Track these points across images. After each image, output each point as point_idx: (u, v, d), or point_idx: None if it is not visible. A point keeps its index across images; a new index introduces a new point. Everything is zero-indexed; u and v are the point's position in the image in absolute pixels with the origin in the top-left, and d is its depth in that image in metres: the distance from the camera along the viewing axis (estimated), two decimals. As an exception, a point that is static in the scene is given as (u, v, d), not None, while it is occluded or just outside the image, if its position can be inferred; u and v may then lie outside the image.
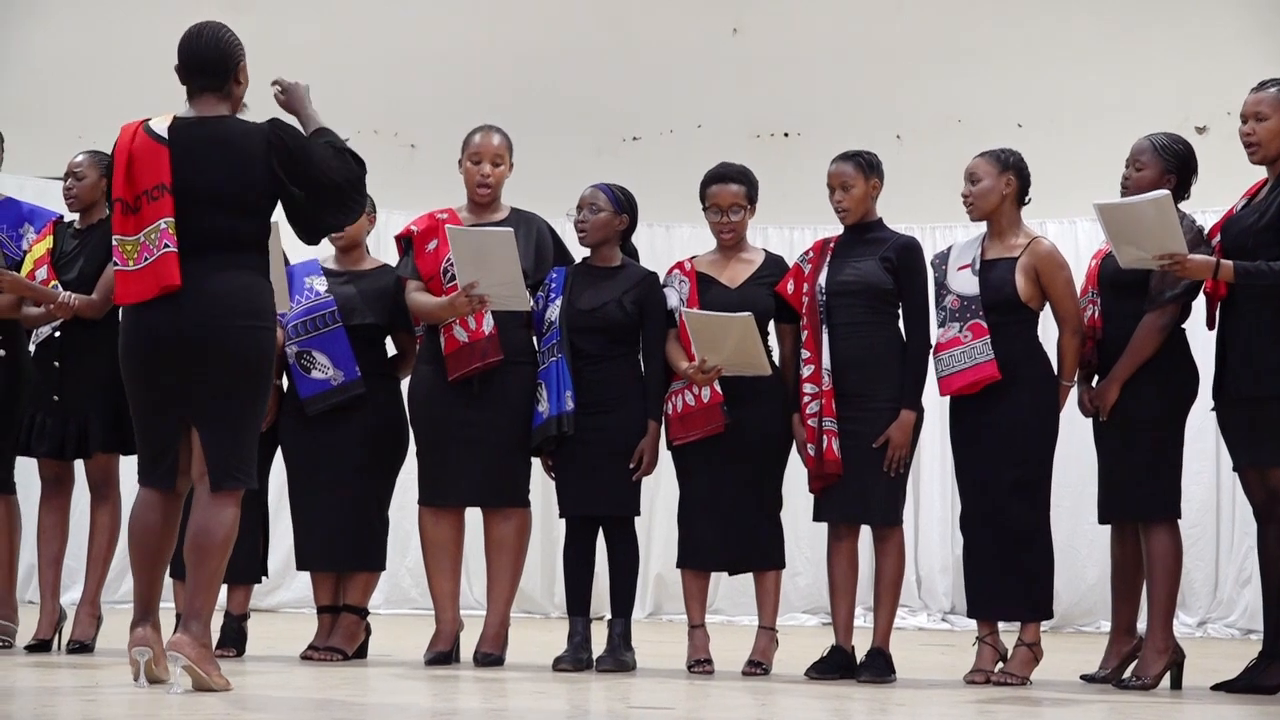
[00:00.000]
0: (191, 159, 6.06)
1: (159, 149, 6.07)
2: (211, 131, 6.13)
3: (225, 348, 6.00)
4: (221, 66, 6.21)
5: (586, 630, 7.57)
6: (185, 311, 5.99)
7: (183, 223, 6.02)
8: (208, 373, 6.00)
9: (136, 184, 6.06)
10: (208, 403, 6.03)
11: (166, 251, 5.99)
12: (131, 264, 6.03)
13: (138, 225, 6.04)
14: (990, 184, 7.28)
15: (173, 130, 6.10)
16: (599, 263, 7.68)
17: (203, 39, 6.22)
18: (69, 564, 7.97)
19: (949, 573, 11.45)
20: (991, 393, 7.14)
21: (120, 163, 6.10)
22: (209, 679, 5.89)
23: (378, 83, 12.63)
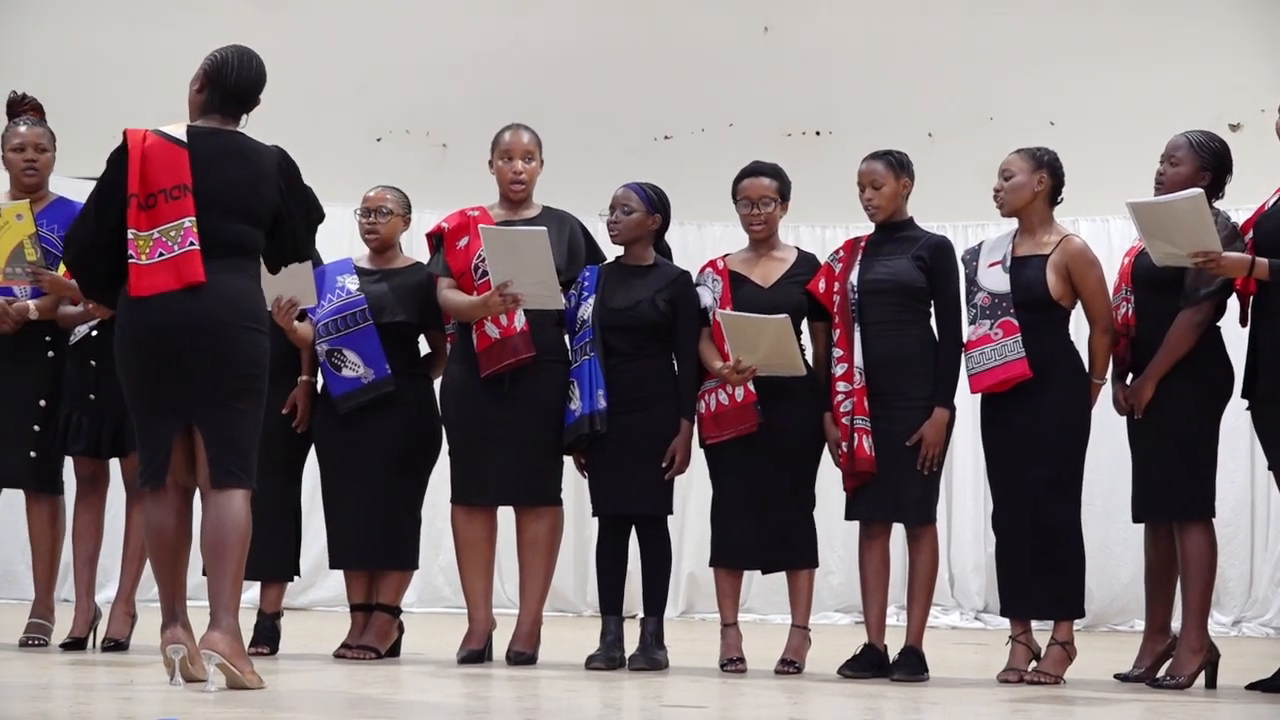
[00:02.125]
0: (210, 165, 6.15)
1: (177, 151, 6.14)
2: (227, 143, 6.24)
3: (228, 347, 6.07)
4: (251, 102, 6.36)
5: (619, 629, 7.57)
6: (196, 307, 6.04)
7: (200, 226, 6.09)
8: (209, 371, 6.05)
9: (151, 182, 6.11)
10: (208, 402, 6.08)
11: (191, 249, 6.05)
12: (144, 258, 6.07)
13: (151, 221, 6.09)
14: (1023, 180, 7.27)
15: (191, 135, 6.19)
16: (632, 261, 7.68)
17: (253, 70, 6.34)
18: (104, 562, 8.00)
19: (982, 571, 11.44)
20: (1023, 391, 7.13)
21: (135, 161, 6.14)
22: (243, 676, 5.91)
23: (409, 83, 12.65)
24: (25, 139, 7.90)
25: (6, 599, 10.28)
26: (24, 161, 7.88)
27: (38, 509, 7.86)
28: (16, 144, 7.90)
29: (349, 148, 12.13)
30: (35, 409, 7.77)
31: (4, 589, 10.67)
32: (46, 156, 7.93)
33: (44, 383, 7.79)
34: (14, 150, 7.90)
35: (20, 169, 7.88)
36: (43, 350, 7.81)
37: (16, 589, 10.45)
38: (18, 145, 7.90)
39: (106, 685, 6.36)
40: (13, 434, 7.75)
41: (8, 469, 7.80)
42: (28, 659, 7.31)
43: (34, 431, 7.76)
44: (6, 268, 7.58)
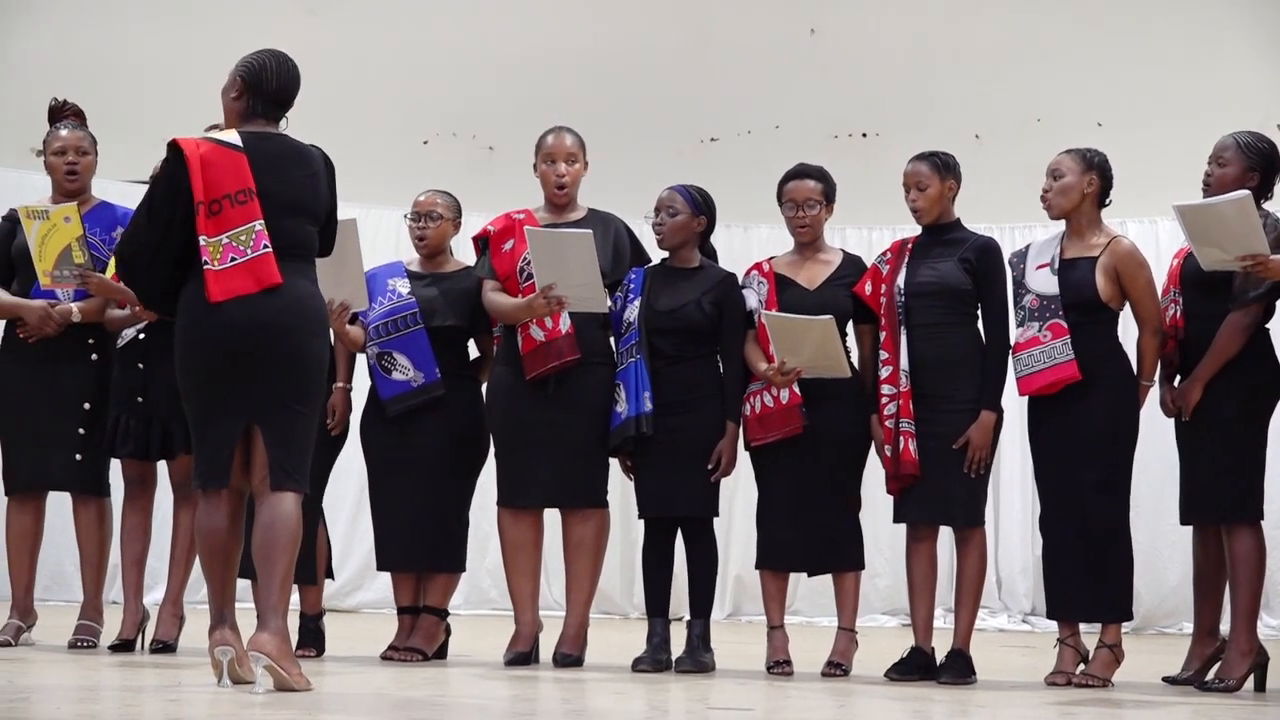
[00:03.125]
0: (269, 168, 6.19)
1: (236, 155, 6.16)
2: (279, 145, 6.28)
3: (297, 350, 6.10)
4: (292, 101, 6.40)
5: (665, 631, 7.57)
6: (271, 309, 6.08)
7: (268, 229, 6.13)
8: (277, 373, 6.08)
9: (215, 187, 6.12)
10: (272, 403, 6.10)
11: (265, 252, 6.09)
12: (216, 263, 6.09)
13: (219, 227, 6.10)
14: (1072, 181, 7.25)
15: (245, 141, 6.22)
16: (677, 264, 7.68)
17: (291, 72, 6.38)
18: (152, 564, 8.03)
19: (1029, 574, 11.40)
20: (1071, 393, 7.11)
21: (195, 168, 6.14)
22: (290, 678, 5.92)
23: (456, 86, 12.67)
24: (67, 142, 7.94)
25: (56, 601, 10.32)
26: (66, 165, 7.92)
27: (84, 511, 7.89)
28: (58, 147, 7.94)
29: (396, 151, 12.16)
30: (80, 412, 7.81)
31: (53, 591, 10.71)
32: (88, 160, 7.97)
33: (88, 385, 7.83)
34: (56, 154, 7.94)
35: (62, 173, 7.93)
36: (86, 353, 7.85)
37: (66, 591, 10.49)
38: (59, 149, 7.94)
39: (154, 687, 6.38)
40: (58, 437, 7.79)
41: (54, 472, 7.84)
42: (77, 660, 7.34)
43: (79, 434, 7.80)
44: (55, 270, 7.62)
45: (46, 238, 7.62)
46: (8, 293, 7.88)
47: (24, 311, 7.79)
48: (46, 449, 7.81)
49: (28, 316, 7.77)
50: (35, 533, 7.98)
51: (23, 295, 7.83)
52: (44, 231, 7.62)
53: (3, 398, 7.91)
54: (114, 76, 12.21)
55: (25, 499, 7.93)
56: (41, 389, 7.80)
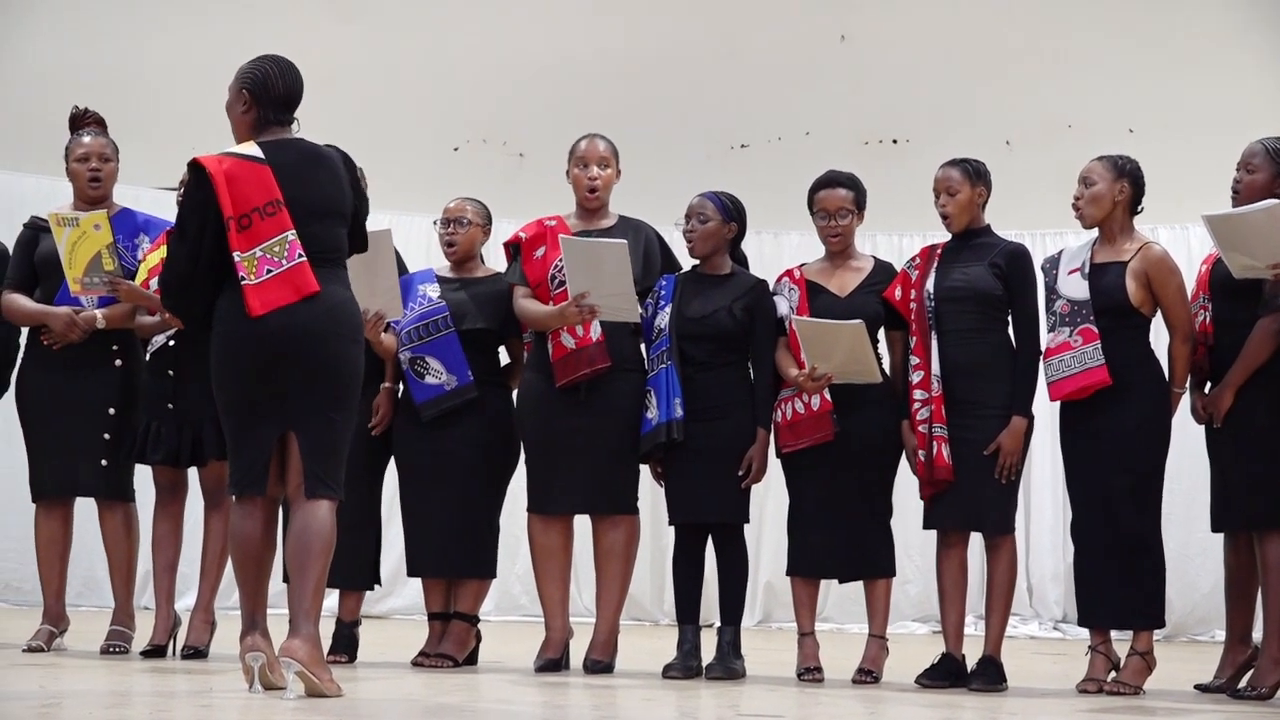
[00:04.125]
0: (293, 175, 6.18)
1: (259, 168, 6.16)
2: (298, 151, 6.27)
3: (333, 357, 6.10)
4: (299, 102, 6.39)
5: (696, 638, 7.57)
6: (308, 316, 6.08)
7: (300, 236, 6.14)
8: (312, 380, 6.08)
9: (243, 202, 6.12)
10: (307, 411, 6.10)
11: (300, 261, 6.10)
12: (253, 277, 6.10)
13: (251, 241, 6.11)
14: (1103, 188, 7.23)
15: (266, 151, 6.22)
16: (708, 270, 7.68)
17: (293, 74, 6.37)
18: (183, 570, 8.05)
19: (1061, 580, 11.37)
20: (1102, 399, 7.09)
21: (220, 184, 6.14)
22: (321, 684, 5.93)
23: (486, 93, 12.70)
24: (90, 149, 7.97)
25: (88, 606, 10.36)
26: (89, 172, 7.95)
27: (110, 517, 7.92)
28: (81, 154, 7.97)
29: (427, 157, 12.19)
30: (105, 418, 7.83)
31: (85, 596, 10.75)
32: (110, 167, 8.00)
33: (113, 391, 7.86)
34: (78, 161, 7.97)
35: (85, 179, 7.95)
36: (111, 359, 7.87)
37: (98, 597, 10.52)
38: (82, 155, 7.97)
39: (186, 692, 6.39)
40: (83, 443, 7.82)
41: (80, 478, 7.87)
42: (109, 666, 7.37)
43: (104, 440, 7.82)
44: (85, 277, 7.65)
45: (76, 245, 7.65)
46: (31, 300, 7.90)
47: (49, 318, 7.82)
48: (72, 455, 7.83)
49: (53, 323, 7.80)
50: (64, 538, 8.00)
51: (46, 302, 7.86)
52: (74, 239, 7.65)
53: (28, 405, 7.95)
54: (140, 84, 12.25)
55: (53, 505, 7.96)
56: (66, 395, 7.82)
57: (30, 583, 9.46)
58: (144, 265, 7.81)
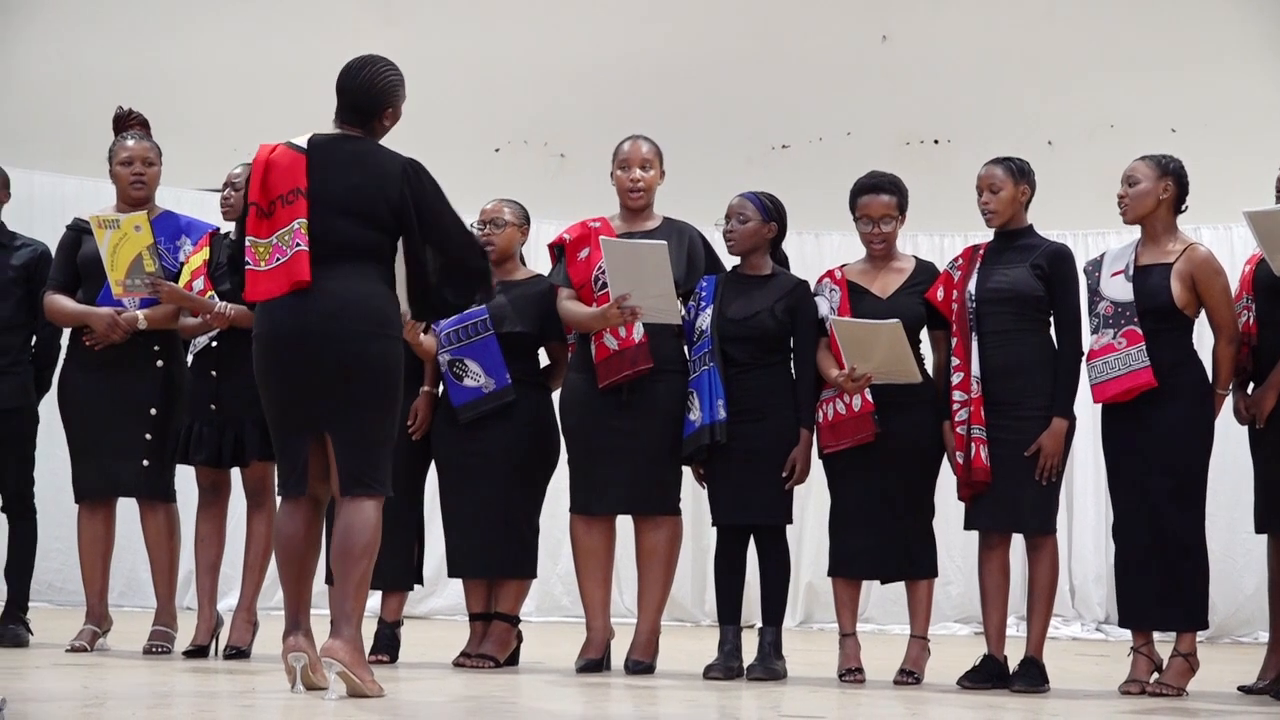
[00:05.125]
0: (327, 168, 6.19)
1: (297, 157, 6.20)
2: (350, 148, 6.27)
3: (347, 352, 6.08)
4: (370, 109, 6.34)
5: (737, 639, 7.56)
6: (310, 311, 6.09)
7: (315, 228, 6.13)
8: (333, 377, 6.08)
9: (271, 189, 6.18)
10: (335, 409, 6.11)
11: (298, 250, 6.10)
12: (263, 264, 6.14)
13: (270, 228, 6.15)
14: (1148, 187, 7.20)
15: (312, 142, 6.24)
16: (749, 271, 7.67)
17: (359, 79, 6.34)
18: (225, 571, 8.07)
19: (1103, 582, 11.33)
20: (1146, 400, 7.07)
21: (258, 170, 6.22)
22: (363, 685, 5.94)
23: (527, 93, 12.71)
24: (133, 152, 7.99)
25: (131, 607, 10.40)
26: (132, 175, 7.98)
27: (152, 518, 7.95)
28: (125, 157, 8.00)
29: (468, 158, 12.19)
30: (146, 418, 7.86)
31: (128, 597, 10.79)
32: (154, 170, 8.03)
33: (154, 392, 7.89)
34: (122, 164, 8.00)
35: (128, 182, 7.98)
36: (152, 360, 7.90)
37: (141, 597, 10.56)
38: (126, 159, 7.99)
39: (228, 693, 6.41)
40: (125, 444, 7.85)
41: (121, 479, 7.90)
42: (151, 666, 7.39)
43: (146, 441, 7.85)
44: (126, 279, 7.68)
45: (118, 247, 7.68)
46: (74, 301, 7.94)
47: (91, 319, 7.85)
48: (114, 456, 7.87)
49: (95, 324, 7.83)
50: (107, 539, 8.03)
51: (89, 303, 7.89)
52: (115, 241, 7.68)
53: (70, 405, 7.98)
54: (182, 86, 12.30)
55: (95, 506, 7.99)
56: (108, 396, 7.86)
57: (73, 583, 9.51)
58: (186, 267, 7.85)
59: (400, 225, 6.24)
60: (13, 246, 8.37)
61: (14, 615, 8.22)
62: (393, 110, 6.36)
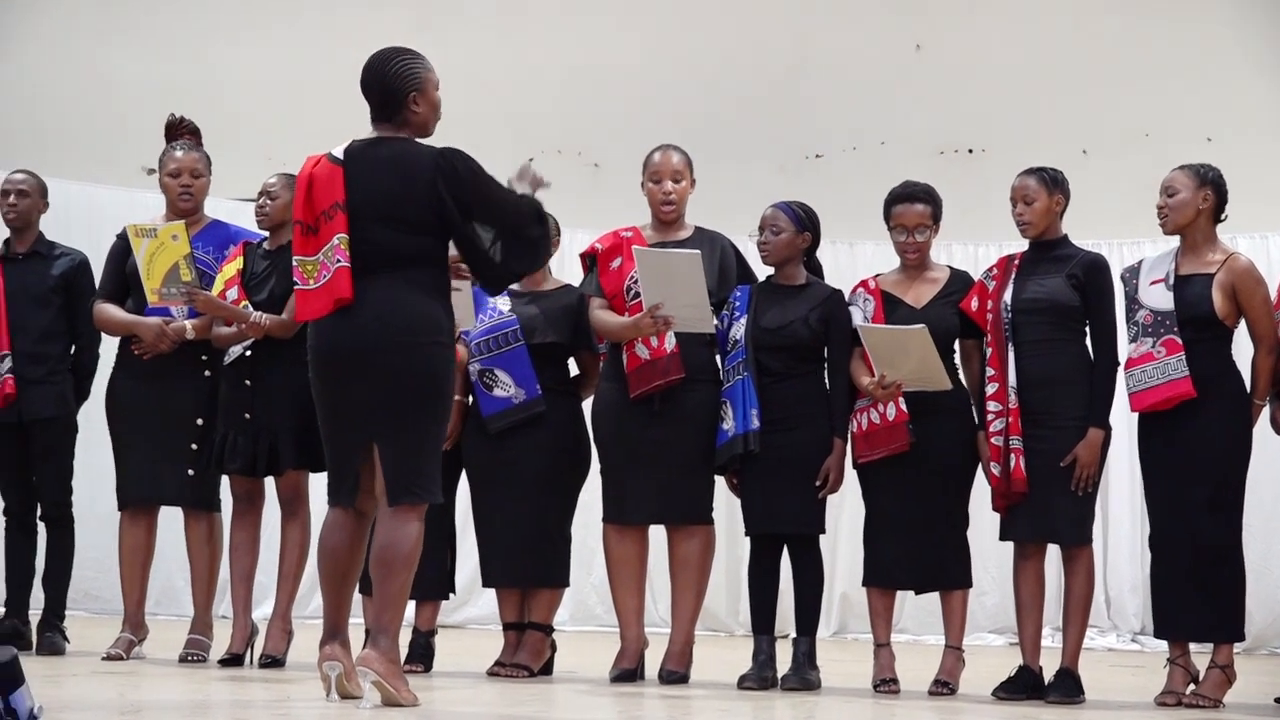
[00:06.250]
0: (363, 177, 6.16)
1: (335, 170, 6.17)
2: (384, 151, 6.22)
3: (393, 363, 6.05)
4: (390, 98, 6.28)
5: (771, 648, 7.55)
6: (354, 326, 6.07)
7: (356, 240, 6.11)
8: (380, 388, 6.06)
9: (315, 205, 6.17)
10: (382, 418, 6.08)
11: (340, 267, 6.08)
12: (312, 283, 6.13)
13: (317, 245, 6.14)
14: (1187, 197, 7.18)
15: (348, 152, 6.22)
16: (783, 281, 7.67)
17: (375, 75, 6.32)
18: (260, 579, 8.08)
19: (1139, 592, 11.29)
20: (1183, 410, 7.04)
21: (301, 186, 6.22)
22: (397, 694, 5.94)
23: (561, 102, 12.72)
24: (181, 164, 8.02)
25: (166, 615, 10.41)
26: (180, 187, 8.00)
27: (195, 527, 7.97)
28: (173, 169, 8.02)
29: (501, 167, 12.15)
30: (192, 427, 7.89)
31: (164, 605, 10.81)
32: (201, 181, 8.05)
33: (201, 401, 7.91)
34: (170, 175, 8.02)
35: (176, 194, 8.01)
36: (199, 369, 7.92)
37: (176, 606, 10.59)
38: (174, 170, 8.02)
39: (263, 701, 6.42)
40: (171, 453, 7.87)
41: (166, 488, 7.92)
42: (187, 674, 7.41)
43: (191, 450, 7.88)
44: (162, 288, 7.70)
45: (154, 256, 7.70)
46: (122, 310, 7.96)
47: (139, 328, 7.88)
48: (159, 464, 7.89)
49: (143, 333, 7.86)
50: (147, 547, 8.06)
51: (137, 313, 7.92)
52: (152, 249, 7.70)
53: (117, 413, 8.01)
54: (218, 95, 12.32)
55: (138, 514, 8.01)
56: (155, 405, 7.89)
57: (109, 591, 9.55)
58: (220, 277, 7.86)
59: (443, 222, 6.18)
60: (52, 256, 8.41)
61: (51, 623, 8.26)
62: (417, 94, 6.28)
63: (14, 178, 8.48)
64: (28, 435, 8.31)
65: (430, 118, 6.34)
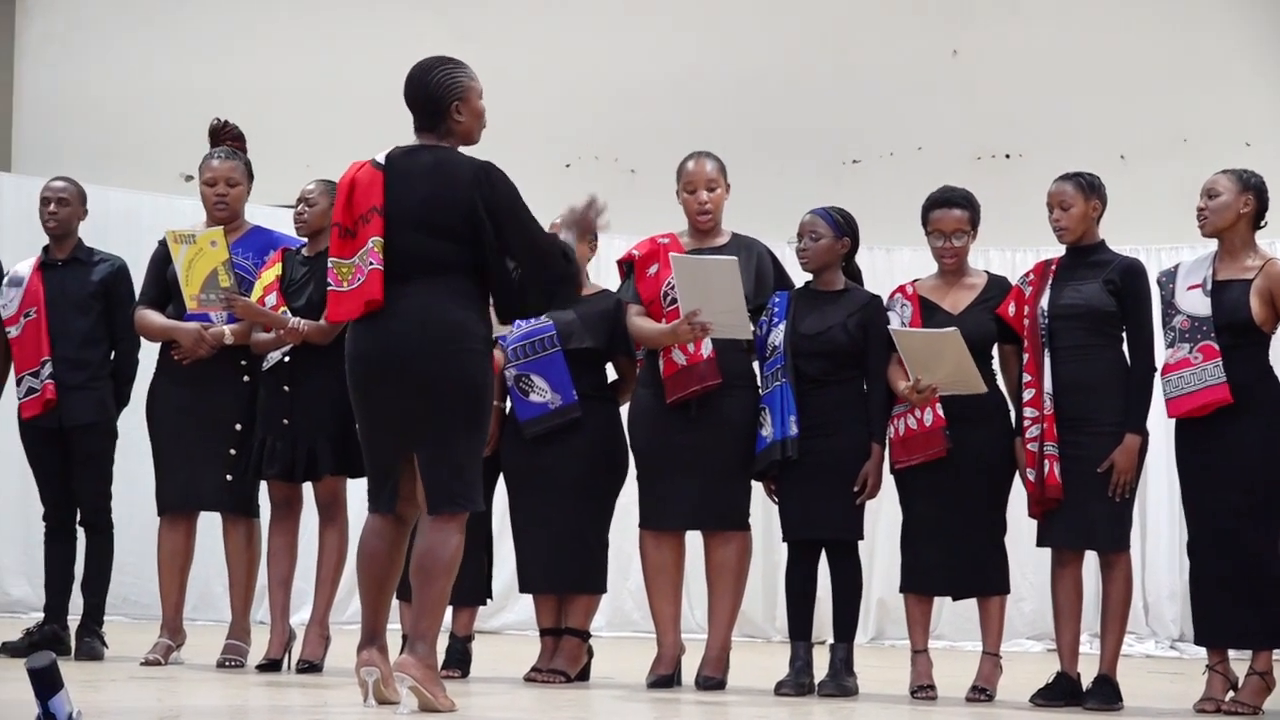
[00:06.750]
0: (402, 183, 6.15)
1: (376, 175, 6.18)
2: (424, 159, 6.21)
3: (430, 369, 6.03)
4: (433, 107, 6.28)
5: (808, 655, 7.55)
6: (391, 333, 6.07)
7: (392, 245, 6.11)
8: (418, 395, 6.04)
9: (355, 209, 6.18)
10: (421, 426, 6.07)
11: (373, 269, 6.09)
12: (346, 285, 6.14)
13: (353, 249, 6.15)
14: (1228, 200, 7.15)
15: (390, 157, 6.22)
16: (822, 287, 7.67)
17: (412, 81, 6.32)
18: (298, 585, 8.10)
19: (1177, 599, 11.25)
20: (1221, 416, 7.02)
21: (343, 190, 6.23)
22: (434, 700, 5.95)
23: (598, 109, 12.74)
24: (217, 173, 8.04)
25: (204, 621, 10.44)
26: (215, 195, 8.03)
27: (234, 532, 7.99)
28: (209, 178, 8.05)
29: (539, 175, 12.15)
30: (231, 433, 7.91)
31: (202, 611, 10.83)
32: (238, 190, 8.06)
33: (240, 407, 7.93)
34: (207, 184, 8.06)
35: (212, 203, 8.04)
36: (238, 375, 7.94)
37: (214, 611, 10.61)
38: (210, 179, 8.05)
39: (301, 707, 6.44)
40: (209, 458, 7.89)
41: (205, 493, 7.94)
42: (224, 680, 7.43)
43: (230, 455, 7.90)
44: (201, 294, 7.72)
45: (193, 262, 7.73)
46: (163, 315, 7.99)
47: (178, 334, 7.91)
48: (198, 470, 7.91)
49: (182, 339, 7.89)
50: (186, 552, 8.08)
51: (177, 318, 7.94)
52: (191, 256, 7.73)
53: (157, 418, 8.04)
54: (260, 103, 12.36)
55: (177, 519, 8.03)
56: (194, 410, 7.91)
57: (147, 596, 9.57)
58: (259, 283, 7.88)
59: (476, 232, 6.15)
60: (91, 262, 8.43)
61: (89, 629, 8.27)
62: (460, 102, 6.27)
63: (54, 185, 8.50)
64: (68, 441, 8.33)
65: (474, 127, 6.34)
